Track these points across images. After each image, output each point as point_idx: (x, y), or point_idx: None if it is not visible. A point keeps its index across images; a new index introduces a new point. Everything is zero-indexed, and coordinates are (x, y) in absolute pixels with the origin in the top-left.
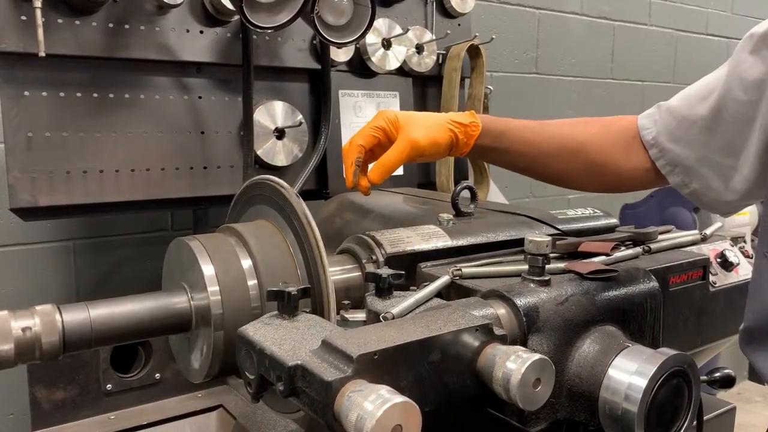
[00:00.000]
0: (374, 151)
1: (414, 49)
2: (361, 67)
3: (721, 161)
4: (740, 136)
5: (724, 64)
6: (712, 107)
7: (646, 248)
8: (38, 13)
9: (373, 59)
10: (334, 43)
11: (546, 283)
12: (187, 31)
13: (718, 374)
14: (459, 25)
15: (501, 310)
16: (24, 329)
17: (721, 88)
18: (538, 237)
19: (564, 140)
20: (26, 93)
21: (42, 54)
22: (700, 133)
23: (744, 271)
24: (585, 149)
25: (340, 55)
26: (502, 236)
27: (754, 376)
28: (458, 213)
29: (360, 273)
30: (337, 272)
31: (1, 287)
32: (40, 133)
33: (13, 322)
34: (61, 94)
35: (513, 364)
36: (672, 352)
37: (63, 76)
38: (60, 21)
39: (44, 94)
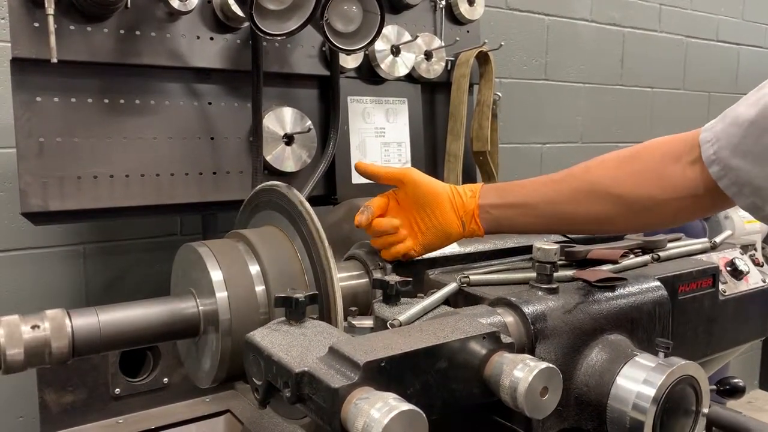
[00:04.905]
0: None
1: (423, 56)
2: (369, 74)
3: None
4: None
5: None
6: None
7: (655, 256)
8: (51, 19)
9: (382, 66)
10: (343, 50)
11: (554, 291)
12: (198, 37)
13: (728, 383)
14: (468, 31)
15: (509, 318)
16: (34, 334)
17: None
18: (546, 244)
19: (585, 185)
20: (38, 99)
21: (54, 60)
22: None
23: (754, 279)
24: (611, 188)
25: (349, 62)
26: (510, 243)
27: (765, 384)
28: None
29: (367, 279)
30: (344, 279)
31: (11, 291)
32: (52, 138)
33: (23, 326)
34: (73, 100)
35: (520, 373)
36: (681, 361)
37: (74, 82)
38: (72, 27)
39: (56, 99)
